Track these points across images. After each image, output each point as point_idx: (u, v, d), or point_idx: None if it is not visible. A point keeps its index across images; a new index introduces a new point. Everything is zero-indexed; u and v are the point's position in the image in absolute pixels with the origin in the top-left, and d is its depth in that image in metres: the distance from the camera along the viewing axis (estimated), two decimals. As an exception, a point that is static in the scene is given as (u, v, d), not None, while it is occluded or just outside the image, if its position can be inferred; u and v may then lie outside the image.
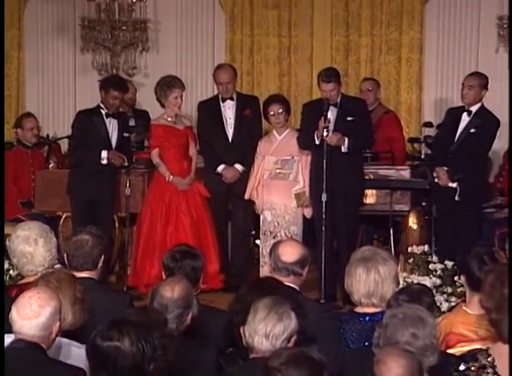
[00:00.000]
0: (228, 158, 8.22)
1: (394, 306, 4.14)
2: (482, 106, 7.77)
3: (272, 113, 8.00)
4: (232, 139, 8.27)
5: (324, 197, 7.52)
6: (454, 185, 7.64)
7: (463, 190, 7.60)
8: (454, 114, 7.92)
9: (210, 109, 8.35)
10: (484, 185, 8.15)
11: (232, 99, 8.30)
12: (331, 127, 7.64)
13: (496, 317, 3.96)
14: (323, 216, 7.54)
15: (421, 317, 3.75)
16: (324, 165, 7.51)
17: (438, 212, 7.90)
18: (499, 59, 9.92)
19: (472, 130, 7.70)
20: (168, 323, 4.06)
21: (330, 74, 7.80)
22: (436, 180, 7.72)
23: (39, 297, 3.85)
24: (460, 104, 7.93)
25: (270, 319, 3.78)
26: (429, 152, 9.05)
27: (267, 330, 3.76)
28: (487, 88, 7.76)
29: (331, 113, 7.72)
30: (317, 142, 7.64)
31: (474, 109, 7.75)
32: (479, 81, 7.76)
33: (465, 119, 7.77)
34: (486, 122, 7.72)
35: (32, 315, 3.80)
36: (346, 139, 7.66)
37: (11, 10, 10.55)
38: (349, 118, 7.75)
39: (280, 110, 7.98)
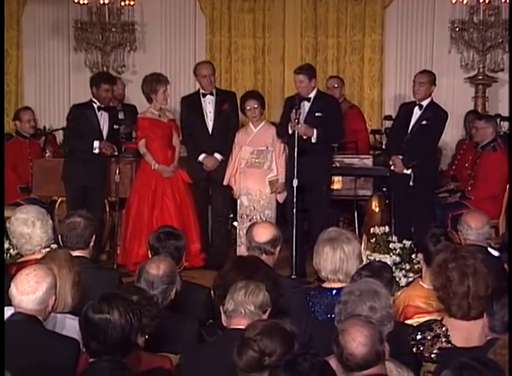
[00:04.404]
0: (208, 148, 8.18)
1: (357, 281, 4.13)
2: (432, 101, 7.77)
3: (248, 107, 7.97)
4: (211, 131, 8.22)
5: (295, 182, 7.48)
6: (408, 171, 7.65)
7: (417, 176, 7.61)
8: (407, 108, 7.91)
9: (191, 103, 8.29)
10: (435, 171, 8.16)
11: (211, 94, 8.25)
12: (301, 119, 7.62)
13: (442, 295, 3.96)
14: (294, 200, 7.53)
15: (376, 290, 3.72)
16: (295, 153, 7.49)
17: (395, 197, 7.90)
18: (451, 58, 9.96)
19: (423, 122, 7.70)
20: (154, 298, 4.05)
21: (302, 67, 7.89)
22: (392, 168, 7.72)
23: (36, 274, 3.82)
24: (412, 99, 7.93)
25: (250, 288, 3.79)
26: (389, 142, 9.06)
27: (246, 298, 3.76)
28: (435, 84, 7.76)
29: (303, 107, 7.69)
30: (290, 132, 7.61)
31: (424, 103, 7.74)
32: (428, 77, 7.76)
33: (417, 112, 7.75)
34: (436, 115, 7.72)
35: (30, 290, 3.78)
36: (315, 131, 7.64)
37: (10, 13, 10.47)
38: (317, 114, 7.71)
39: (256, 105, 7.95)
